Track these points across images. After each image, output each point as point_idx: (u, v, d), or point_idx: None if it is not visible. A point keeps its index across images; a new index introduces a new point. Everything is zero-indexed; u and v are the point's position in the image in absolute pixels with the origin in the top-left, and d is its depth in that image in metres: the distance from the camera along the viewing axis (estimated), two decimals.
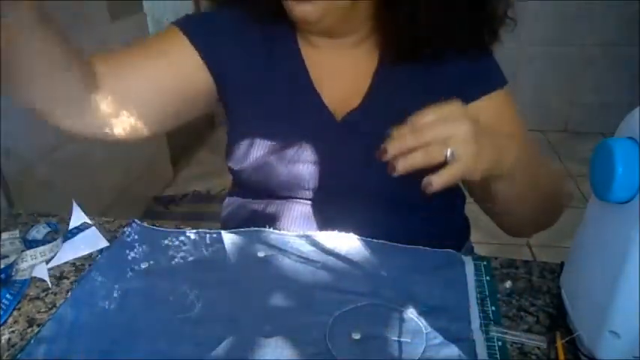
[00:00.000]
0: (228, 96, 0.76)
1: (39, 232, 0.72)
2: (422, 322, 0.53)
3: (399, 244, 0.65)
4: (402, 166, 0.53)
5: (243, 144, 0.75)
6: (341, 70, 0.75)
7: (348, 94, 0.74)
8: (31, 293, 0.61)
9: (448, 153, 0.52)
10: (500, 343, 0.52)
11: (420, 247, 0.64)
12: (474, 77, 0.73)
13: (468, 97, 0.71)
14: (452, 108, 0.54)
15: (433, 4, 0.66)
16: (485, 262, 0.63)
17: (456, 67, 0.72)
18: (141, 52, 0.72)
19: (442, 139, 0.53)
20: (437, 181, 0.52)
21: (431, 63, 0.71)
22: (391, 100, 0.72)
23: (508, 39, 0.75)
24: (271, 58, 0.75)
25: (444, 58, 0.70)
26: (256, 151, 0.74)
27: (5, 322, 0.56)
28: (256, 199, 0.78)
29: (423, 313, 0.54)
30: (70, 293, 0.60)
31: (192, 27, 0.74)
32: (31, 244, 0.68)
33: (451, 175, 0.53)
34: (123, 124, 0.70)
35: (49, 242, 0.67)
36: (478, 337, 0.52)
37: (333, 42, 0.73)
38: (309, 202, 0.74)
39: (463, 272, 0.61)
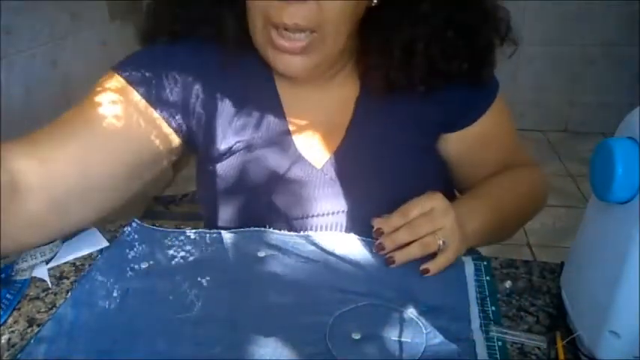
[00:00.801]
0: (196, 142, 0.70)
1: None
2: (422, 322, 0.53)
3: None
4: (401, 259, 0.60)
5: (218, 199, 0.70)
6: (321, 106, 0.69)
7: (328, 132, 0.69)
8: (31, 293, 0.61)
9: (441, 243, 0.59)
10: (500, 343, 0.52)
11: None
12: (471, 101, 0.69)
13: (465, 123, 0.71)
14: (436, 202, 0.60)
15: (428, 38, 0.61)
16: (485, 262, 0.63)
17: (451, 94, 0.67)
18: (75, 123, 0.60)
19: (433, 231, 0.59)
20: (434, 268, 0.59)
21: (418, 93, 0.66)
22: (374, 133, 0.68)
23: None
24: (245, 100, 0.67)
25: (436, 90, 0.65)
26: (234, 205, 0.70)
27: (5, 322, 0.56)
28: None
29: (423, 313, 0.55)
30: (70, 293, 0.60)
31: (139, 77, 0.63)
32: None
33: (446, 260, 0.60)
34: (70, 215, 0.61)
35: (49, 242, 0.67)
36: (478, 337, 0.52)
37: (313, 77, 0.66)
38: None
39: (463, 272, 0.61)
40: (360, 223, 0.67)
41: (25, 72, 1.45)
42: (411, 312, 0.55)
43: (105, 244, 0.68)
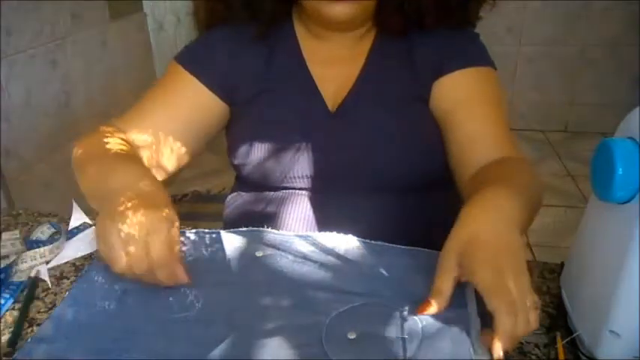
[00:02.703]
0: (234, 102, 0.79)
1: (43, 232, 0.71)
2: (418, 318, 0.53)
3: (398, 246, 0.65)
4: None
5: (245, 140, 0.77)
6: (338, 56, 0.78)
7: (342, 79, 0.77)
8: None
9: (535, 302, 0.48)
10: None
11: (419, 248, 0.64)
12: (458, 51, 0.76)
13: (449, 67, 0.74)
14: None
15: None
16: None
17: (442, 42, 0.76)
18: (155, 98, 0.77)
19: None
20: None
21: (419, 42, 0.76)
22: (381, 83, 0.76)
23: (508, 39, 0.75)
24: (271, 56, 0.78)
25: (436, 30, 0.75)
26: (257, 146, 0.76)
27: (5, 322, 0.56)
28: (259, 192, 0.80)
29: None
30: (67, 293, 0.60)
31: (192, 61, 0.78)
32: (35, 244, 0.68)
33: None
34: (159, 163, 0.76)
35: (53, 243, 0.67)
36: (474, 320, 0.51)
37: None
38: (310, 192, 0.76)
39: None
40: (362, 173, 0.74)
41: (25, 72, 1.45)
42: (406, 309, 0.54)
43: None
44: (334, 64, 0.77)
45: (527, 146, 2.74)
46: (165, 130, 0.75)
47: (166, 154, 0.76)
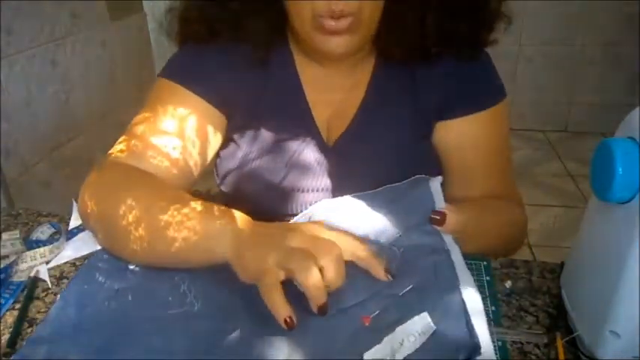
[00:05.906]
0: (230, 119, 0.75)
1: (43, 232, 0.71)
2: (396, 247, 0.57)
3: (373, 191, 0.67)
4: None
5: (235, 173, 0.75)
6: (336, 84, 0.74)
7: (339, 109, 0.74)
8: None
9: None
10: (500, 343, 0.52)
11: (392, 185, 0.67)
12: (462, 93, 0.72)
13: (452, 113, 0.72)
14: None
15: (440, 4, 0.67)
16: (485, 262, 0.63)
17: (447, 77, 0.71)
18: (157, 122, 0.70)
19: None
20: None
21: (422, 72, 0.71)
22: (382, 118, 0.73)
23: (508, 39, 0.75)
24: (267, 81, 0.73)
25: (441, 62, 0.70)
26: (247, 182, 0.74)
27: (5, 322, 0.56)
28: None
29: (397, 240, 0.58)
30: (63, 292, 0.59)
31: (183, 75, 0.71)
32: (35, 244, 0.68)
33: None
34: (187, 171, 0.72)
35: (53, 243, 0.67)
36: (453, 247, 0.56)
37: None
38: None
39: (428, 190, 0.63)
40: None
41: (25, 72, 1.45)
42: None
43: None
44: (332, 92, 0.74)
45: (527, 146, 2.74)
46: (184, 138, 0.70)
47: (192, 161, 0.71)
